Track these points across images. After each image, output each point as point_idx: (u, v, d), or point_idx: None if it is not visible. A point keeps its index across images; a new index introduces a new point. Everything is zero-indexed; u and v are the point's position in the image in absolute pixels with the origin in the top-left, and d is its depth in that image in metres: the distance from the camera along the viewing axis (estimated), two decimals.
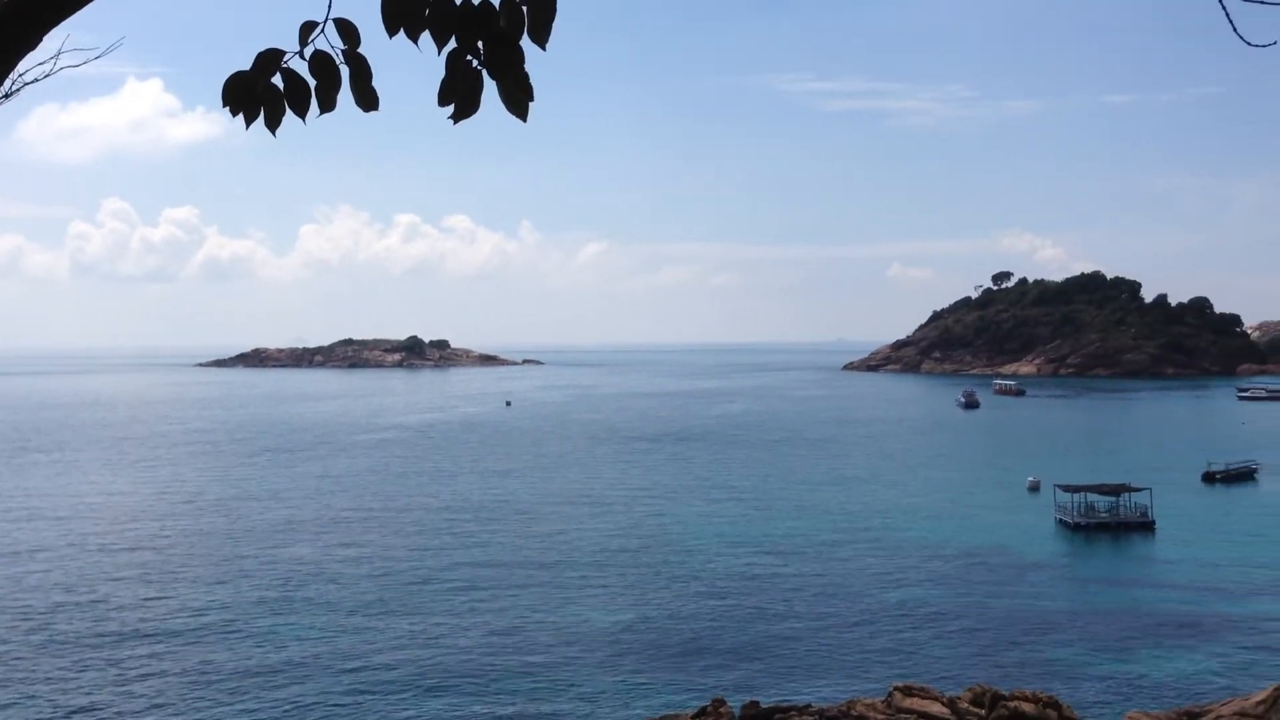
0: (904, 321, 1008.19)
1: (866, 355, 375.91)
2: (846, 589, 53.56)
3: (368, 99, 4.53)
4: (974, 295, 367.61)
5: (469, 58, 4.30)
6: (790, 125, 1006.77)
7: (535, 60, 4.33)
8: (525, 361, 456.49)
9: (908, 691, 20.52)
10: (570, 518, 74.46)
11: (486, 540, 66.56)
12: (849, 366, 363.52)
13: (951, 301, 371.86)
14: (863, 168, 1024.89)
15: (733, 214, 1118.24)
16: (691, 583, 55.00)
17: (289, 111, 4.50)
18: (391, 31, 4.27)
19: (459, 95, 4.34)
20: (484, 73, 4.30)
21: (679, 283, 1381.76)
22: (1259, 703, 19.37)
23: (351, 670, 41.01)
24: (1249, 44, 4.90)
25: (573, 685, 39.13)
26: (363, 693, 38.57)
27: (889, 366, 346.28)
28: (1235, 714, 19.37)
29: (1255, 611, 48.93)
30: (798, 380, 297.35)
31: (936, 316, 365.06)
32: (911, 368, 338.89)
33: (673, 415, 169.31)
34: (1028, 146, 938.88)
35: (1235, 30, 4.47)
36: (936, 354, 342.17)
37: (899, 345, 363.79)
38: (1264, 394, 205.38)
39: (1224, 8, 4.12)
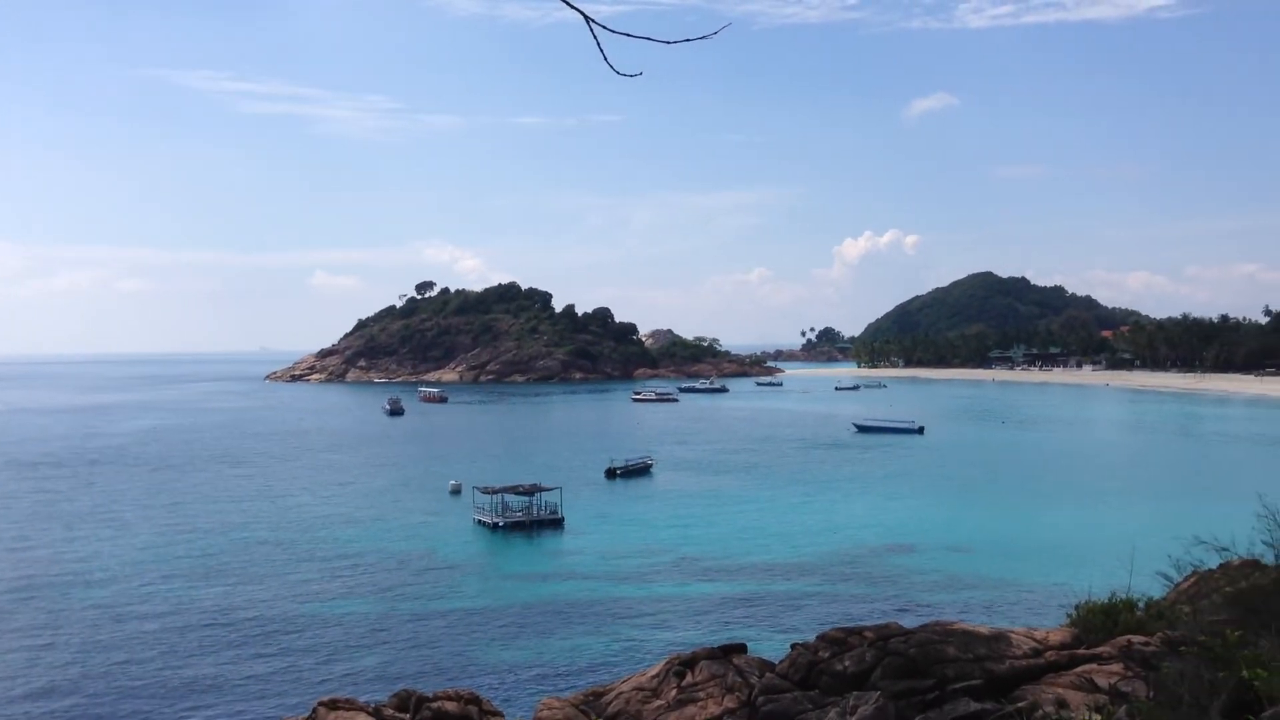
0: (329, 330, 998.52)
1: (290, 365, 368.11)
2: (271, 606, 51.75)
3: None
4: (399, 304, 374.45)
5: None
6: (205, 125, 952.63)
7: None
8: None
9: (332, 705, 20.08)
10: None
11: None
12: (272, 376, 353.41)
13: (377, 310, 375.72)
14: (284, 173, 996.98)
15: (142, 216, 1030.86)
16: (99, 616, 50.15)
17: None
18: None
19: None
20: None
21: (80, 288, 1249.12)
22: (653, 676, 21.18)
23: None
24: (618, 73, 5.31)
25: None
26: None
27: (313, 376, 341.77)
28: (634, 689, 21.02)
29: (651, 593, 54.09)
30: (218, 391, 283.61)
31: (362, 325, 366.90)
32: (337, 376, 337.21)
33: (74, 434, 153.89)
34: (449, 160, 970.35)
35: (607, 61, 4.82)
36: (362, 362, 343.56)
37: (324, 354, 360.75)
38: (653, 396, 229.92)
39: (596, 39, 4.41)
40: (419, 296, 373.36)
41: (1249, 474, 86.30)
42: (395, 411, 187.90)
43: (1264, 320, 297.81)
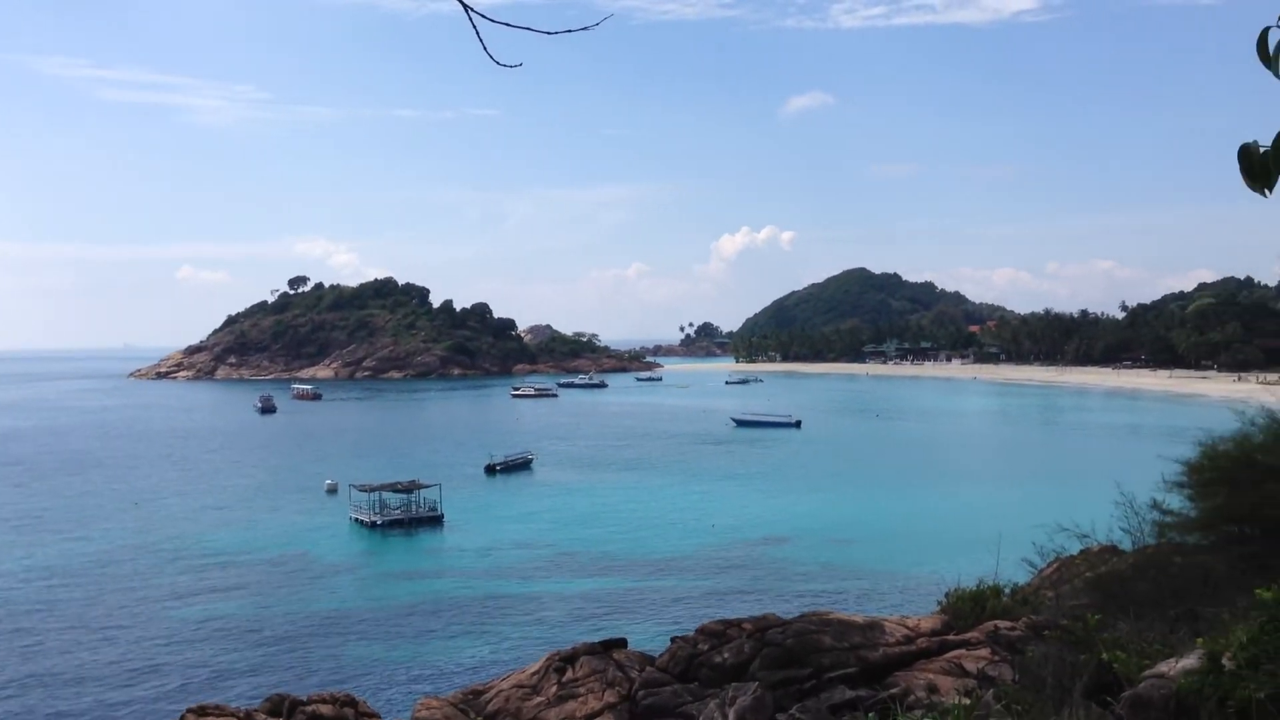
0: (198, 326, 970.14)
1: (156, 362, 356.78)
2: (136, 612, 50.06)
3: None
4: (271, 299, 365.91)
5: None
6: (63, 114, 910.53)
7: None
8: None
9: (201, 713, 19.55)
10: None
11: None
12: (137, 374, 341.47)
13: (248, 305, 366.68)
14: (149, 163, 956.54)
15: None
16: None
17: None
18: None
19: None
20: None
21: None
22: (534, 673, 21.14)
23: None
24: (498, 63, 5.25)
25: None
26: None
27: (181, 373, 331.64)
28: (514, 686, 20.95)
29: (531, 590, 53.86)
30: (80, 390, 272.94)
31: (232, 321, 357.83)
32: (206, 374, 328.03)
33: None
34: (323, 153, 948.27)
35: (486, 50, 4.75)
36: (232, 359, 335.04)
37: (192, 350, 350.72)
38: (532, 392, 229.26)
39: (476, 29, 4.35)
40: (292, 292, 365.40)
41: (1107, 463, 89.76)
42: (267, 409, 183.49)
43: (1120, 315, 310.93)
